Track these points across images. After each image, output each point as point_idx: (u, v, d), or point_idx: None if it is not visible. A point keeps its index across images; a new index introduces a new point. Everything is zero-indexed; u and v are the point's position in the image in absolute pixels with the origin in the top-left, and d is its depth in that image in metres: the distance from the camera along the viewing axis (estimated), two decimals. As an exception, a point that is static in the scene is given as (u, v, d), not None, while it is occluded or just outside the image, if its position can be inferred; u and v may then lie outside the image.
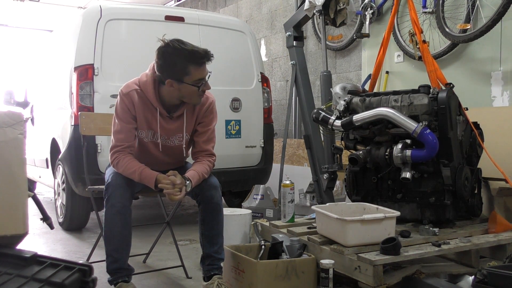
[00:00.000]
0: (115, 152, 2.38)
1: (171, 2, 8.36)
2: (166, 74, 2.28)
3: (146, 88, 2.36)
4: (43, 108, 4.87)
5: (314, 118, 3.12)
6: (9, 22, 9.90)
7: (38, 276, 1.61)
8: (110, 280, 2.33)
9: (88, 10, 4.07)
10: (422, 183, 2.76)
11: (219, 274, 2.37)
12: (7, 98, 5.33)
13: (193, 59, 2.24)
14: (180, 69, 2.26)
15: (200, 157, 2.48)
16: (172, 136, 2.46)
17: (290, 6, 6.04)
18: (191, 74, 2.26)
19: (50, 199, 5.63)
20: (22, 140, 1.78)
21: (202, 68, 2.28)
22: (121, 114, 2.38)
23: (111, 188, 2.28)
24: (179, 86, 2.29)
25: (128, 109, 2.37)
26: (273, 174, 4.51)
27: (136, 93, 2.37)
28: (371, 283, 2.19)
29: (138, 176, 2.31)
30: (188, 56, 2.24)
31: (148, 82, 2.35)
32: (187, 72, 2.26)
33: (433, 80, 2.96)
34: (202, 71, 2.29)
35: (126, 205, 2.29)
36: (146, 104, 2.38)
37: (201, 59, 2.25)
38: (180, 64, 2.25)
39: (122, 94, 2.38)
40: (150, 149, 2.47)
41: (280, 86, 6.25)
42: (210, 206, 2.39)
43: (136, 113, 2.38)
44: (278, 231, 2.87)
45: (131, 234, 2.36)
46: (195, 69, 2.26)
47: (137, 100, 2.36)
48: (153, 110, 2.39)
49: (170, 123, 2.43)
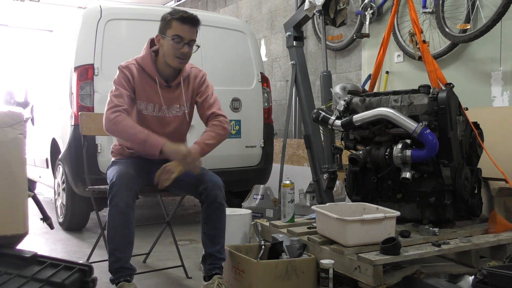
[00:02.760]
0: (116, 110, 2.36)
1: (171, 2, 8.36)
2: (158, 31, 2.45)
3: (144, 61, 2.48)
4: (43, 108, 4.88)
5: (314, 118, 3.12)
6: (9, 22, 9.90)
7: (38, 276, 1.61)
8: (112, 279, 2.32)
9: (88, 10, 4.08)
10: (422, 183, 2.76)
11: (220, 274, 2.37)
12: (7, 98, 5.33)
13: (178, 15, 2.40)
14: (166, 23, 2.42)
15: (208, 126, 2.54)
16: (170, 106, 2.53)
17: (290, 6, 6.04)
18: (172, 27, 2.40)
19: (50, 199, 5.63)
20: (22, 140, 1.78)
21: (185, 26, 2.39)
22: (120, 83, 2.45)
23: (116, 187, 2.27)
24: (162, 41, 2.43)
25: (127, 79, 2.45)
26: (273, 174, 4.51)
27: (134, 67, 2.48)
28: (371, 283, 2.20)
29: (145, 137, 2.33)
30: (174, 13, 2.42)
31: (146, 55, 2.49)
32: (170, 26, 2.41)
33: (433, 80, 2.96)
34: (183, 28, 2.39)
35: (130, 205, 2.29)
36: (145, 77, 2.48)
37: (185, 17, 2.39)
38: (167, 19, 2.42)
39: (121, 67, 2.48)
40: (149, 122, 2.51)
41: (280, 86, 6.25)
42: (214, 205, 2.38)
43: (135, 84, 2.46)
44: (278, 231, 2.87)
45: (134, 234, 2.36)
46: (176, 24, 2.39)
47: (136, 73, 2.47)
48: (151, 81, 2.48)
49: (169, 92, 2.52)
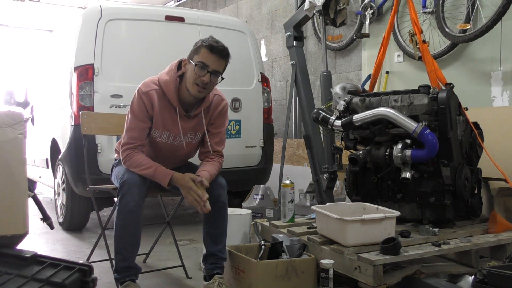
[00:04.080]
0: (127, 149, 2.39)
1: (171, 2, 8.36)
2: (187, 56, 2.42)
3: (168, 87, 2.39)
4: (43, 108, 4.87)
5: (314, 118, 3.12)
6: (9, 22, 9.91)
7: (38, 276, 1.61)
8: (117, 278, 2.31)
9: (88, 10, 4.07)
10: (422, 183, 2.76)
11: (220, 274, 2.37)
12: (7, 98, 5.34)
13: (208, 44, 2.35)
14: (195, 49, 2.39)
15: (211, 157, 2.51)
16: (186, 134, 2.50)
17: (290, 6, 6.04)
18: (200, 54, 2.35)
19: (50, 199, 5.63)
20: (22, 140, 1.78)
21: (213, 56, 2.34)
22: (137, 113, 2.39)
23: (127, 186, 2.28)
24: (188, 65, 2.39)
25: (146, 108, 2.39)
26: (273, 174, 4.51)
27: (155, 93, 2.39)
28: (371, 283, 2.20)
29: (152, 172, 2.34)
30: (206, 41, 2.36)
31: (170, 81, 2.40)
32: (198, 52, 2.36)
33: (433, 80, 2.96)
34: (210, 57, 2.34)
35: (139, 204, 2.30)
36: (165, 104, 2.40)
37: (214, 47, 2.34)
38: (198, 45, 2.38)
39: (142, 92, 2.39)
40: (161, 148, 2.49)
41: (280, 86, 6.25)
42: (217, 205, 2.39)
43: (153, 113, 2.40)
44: (278, 231, 2.87)
45: (141, 233, 2.36)
46: (204, 51, 2.34)
47: (156, 100, 2.39)
48: (171, 109, 2.42)
49: (187, 122, 2.47)
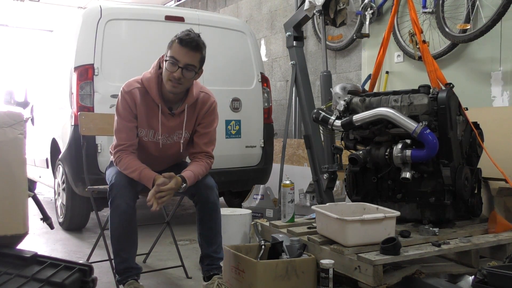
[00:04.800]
0: (117, 151, 2.39)
1: (171, 2, 8.36)
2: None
3: (150, 84, 2.36)
4: (43, 108, 4.87)
5: (314, 118, 3.12)
6: (9, 22, 9.90)
7: (38, 276, 1.61)
8: (119, 280, 2.33)
9: (88, 10, 4.07)
10: (422, 183, 2.76)
11: (218, 274, 2.37)
12: (7, 98, 5.33)
13: (178, 38, 2.27)
14: (169, 44, 2.31)
15: (199, 157, 2.47)
16: (172, 133, 2.46)
17: (290, 6, 6.04)
18: (172, 49, 2.29)
19: (50, 199, 5.62)
20: (22, 140, 1.78)
21: (183, 49, 2.25)
22: (122, 113, 2.38)
23: (116, 188, 2.28)
24: (164, 62, 2.32)
25: (129, 107, 2.37)
26: (273, 174, 4.51)
27: (138, 91, 2.37)
28: (371, 283, 2.19)
29: (137, 175, 2.32)
30: (178, 34, 2.29)
31: (152, 78, 2.37)
32: (170, 47, 2.30)
33: (433, 80, 2.96)
34: (181, 51, 2.25)
35: (131, 205, 2.30)
36: (148, 102, 2.38)
37: (183, 39, 2.26)
38: (171, 41, 2.30)
39: (124, 92, 2.38)
40: (148, 148, 2.47)
41: (280, 86, 6.25)
42: (207, 206, 2.38)
43: (137, 111, 2.38)
44: (278, 231, 2.87)
45: (137, 233, 2.37)
46: (175, 46, 2.27)
47: (139, 98, 2.37)
48: (154, 107, 2.39)
49: (171, 120, 2.43)
